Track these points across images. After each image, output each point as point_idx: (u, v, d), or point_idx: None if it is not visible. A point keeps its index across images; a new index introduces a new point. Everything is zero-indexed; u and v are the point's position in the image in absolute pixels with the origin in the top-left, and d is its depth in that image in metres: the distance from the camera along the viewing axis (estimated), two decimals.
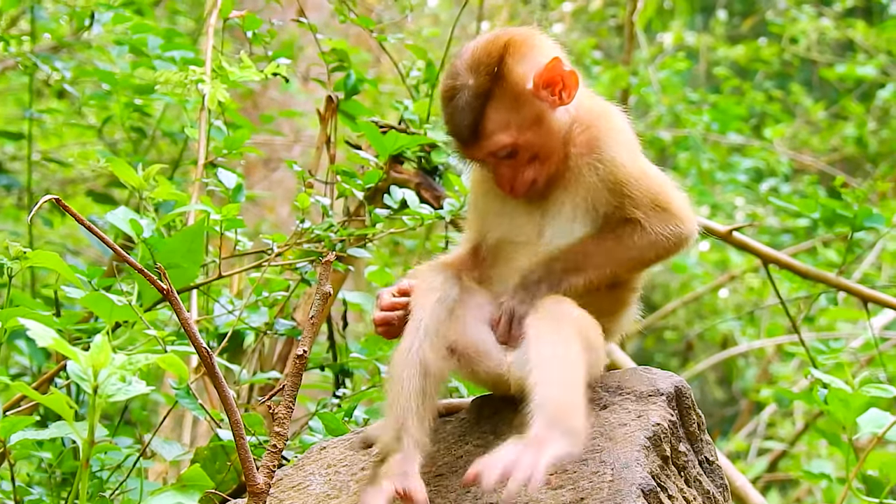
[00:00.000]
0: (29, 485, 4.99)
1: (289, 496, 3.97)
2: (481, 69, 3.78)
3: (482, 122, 3.77)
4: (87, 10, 6.73)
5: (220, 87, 5.47)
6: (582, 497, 3.53)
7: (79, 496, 3.41)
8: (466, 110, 3.77)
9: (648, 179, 3.88)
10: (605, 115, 3.94)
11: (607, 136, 3.88)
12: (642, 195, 3.85)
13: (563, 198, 3.88)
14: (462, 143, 3.84)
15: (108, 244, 3.47)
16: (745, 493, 6.60)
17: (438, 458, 3.90)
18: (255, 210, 9.82)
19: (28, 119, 7.20)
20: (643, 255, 3.88)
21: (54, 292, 5.47)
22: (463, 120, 3.78)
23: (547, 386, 3.50)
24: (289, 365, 5.38)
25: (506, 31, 3.88)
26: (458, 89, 3.79)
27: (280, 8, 6.61)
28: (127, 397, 3.40)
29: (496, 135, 3.79)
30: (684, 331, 14.05)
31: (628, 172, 3.84)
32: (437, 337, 3.75)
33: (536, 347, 3.59)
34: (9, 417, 3.94)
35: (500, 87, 3.78)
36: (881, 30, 13.23)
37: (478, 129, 3.78)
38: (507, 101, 3.79)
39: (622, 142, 3.90)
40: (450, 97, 3.81)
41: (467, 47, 3.87)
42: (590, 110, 3.91)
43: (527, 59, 3.82)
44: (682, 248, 3.90)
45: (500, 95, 3.78)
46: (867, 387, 4.72)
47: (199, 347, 3.40)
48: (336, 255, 5.02)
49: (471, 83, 3.78)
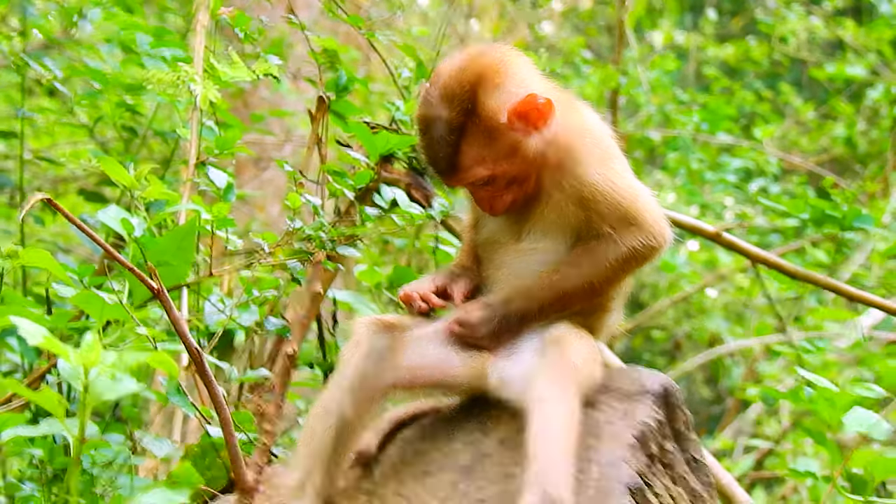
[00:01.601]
0: (21, 480, 5.01)
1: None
2: (454, 102, 3.77)
3: (458, 156, 3.79)
4: (76, 7, 6.73)
5: (211, 86, 5.48)
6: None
7: (70, 492, 3.42)
8: (442, 144, 3.79)
9: (617, 195, 3.88)
10: (580, 131, 3.94)
11: (578, 154, 3.89)
12: (611, 211, 3.87)
13: (538, 213, 3.93)
14: (439, 174, 3.87)
15: (98, 243, 3.49)
16: (732, 490, 6.63)
17: (427, 455, 3.92)
18: (245, 209, 9.82)
19: (20, 118, 7.18)
20: (615, 269, 3.90)
21: (45, 290, 5.48)
22: (439, 153, 3.80)
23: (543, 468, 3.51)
24: (278, 363, 5.39)
25: (479, 57, 3.84)
26: (433, 120, 3.79)
27: (269, 6, 6.60)
28: (117, 395, 3.42)
29: (472, 168, 3.81)
30: (672, 330, 14.07)
31: (595, 190, 3.86)
32: (362, 391, 3.85)
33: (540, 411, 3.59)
34: (0, 414, 3.95)
35: (474, 123, 3.77)
36: (871, 29, 13.24)
37: (454, 163, 3.80)
38: (481, 136, 3.79)
39: (592, 159, 3.91)
40: (425, 129, 3.82)
41: (441, 72, 3.85)
42: (565, 128, 3.88)
43: (500, 92, 3.80)
44: (654, 258, 3.93)
45: (474, 130, 3.78)
46: (853, 386, 4.75)
47: (190, 346, 3.42)
48: (326, 254, 5.05)
49: (444, 116, 3.77)
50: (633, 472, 3.64)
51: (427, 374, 3.90)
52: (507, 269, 3.98)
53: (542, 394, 3.62)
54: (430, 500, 3.76)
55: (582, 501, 3.54)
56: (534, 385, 3.64)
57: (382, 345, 3.89)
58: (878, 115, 13.50)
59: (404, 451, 4.00)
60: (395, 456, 4.00)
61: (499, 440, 3.86)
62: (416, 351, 3.92)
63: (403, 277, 5.50)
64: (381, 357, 3.87)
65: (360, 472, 3.98)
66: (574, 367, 3.69)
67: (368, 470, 3.98)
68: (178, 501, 3.47)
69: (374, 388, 3.86)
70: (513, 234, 3.97)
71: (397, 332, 3.93)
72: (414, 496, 3.81)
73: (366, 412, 3.87)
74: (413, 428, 4.09)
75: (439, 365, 3.90)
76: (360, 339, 3.89)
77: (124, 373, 3.44)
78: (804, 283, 6.85)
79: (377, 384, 3.86)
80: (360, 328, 3.92)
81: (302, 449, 3.85)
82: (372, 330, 3.91)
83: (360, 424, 3.87)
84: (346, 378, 3.84)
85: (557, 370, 3.66)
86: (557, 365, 3.67)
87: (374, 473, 3.96)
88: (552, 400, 3.60)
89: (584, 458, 3.66)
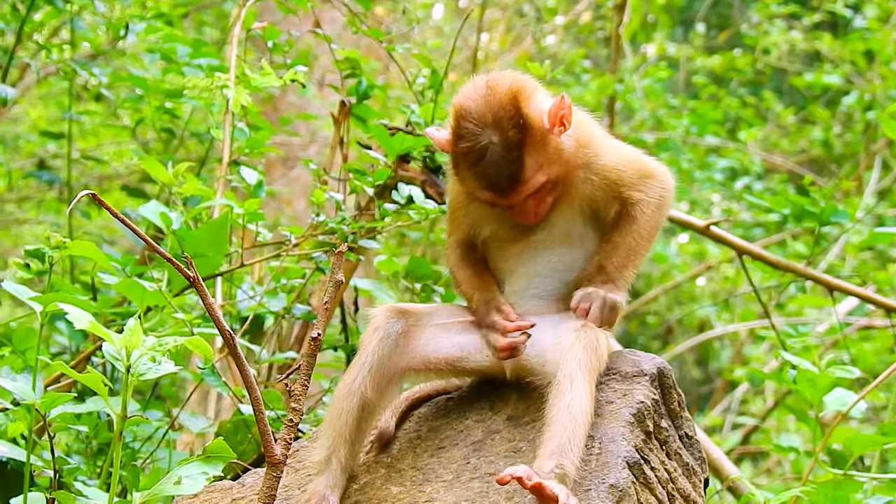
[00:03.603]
0: (68, 454, 4.99)
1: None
2: (505, 122, 3.69)
3: (521, 170, 3.70)
4: (122, 21, 6.73)
5: (243, 92, 5.46)
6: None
7: (113, 465, 3.40)
8: (503, 163, 3.69)
9: (630, 160, 3.93)
10: (584, 125, 3.93)
11: (594, 147, 3.89)
12: (632, 176, 3.90)
13: (561, 206, 3.87)
14: (500, 193, 3.75)
15: (140, 235, 3.45)
16: (721, 464, 6.60)
17: (441, 431, 3.89)
18: (274, 204, 9.80)
19: (68, 120, 7.18)
20: (657, 220, 3.93)
21: (91, 279, 5.46)
22: (501, 172, 3.69)
23: (564, 443, 3.49)
24: (305, 346, 5.37)
25: (499, 80, 3.77)
26: (487, 147, 3.69)
27: (297, 20, 6.58)
28: (157, 376, 3.40)
29: (535, 178, 3.73)
30: (665, 316, 14.05)
31: (618, 168, 3.89)
32: (380, 373, 3.80)
33: (569, 390, 3.57)
34: (49, 393, 3.93)
35: (529, 135, 3.70)
36: (846, 42, 13.19)
37: (518, 178, 3.71)
38: (537, 145, 3.72)
39: (604, 145, 3.92)
40: (479, 156, 3.70)
41: (470, 105, 3.75)
42: (576, 125, 3.85)
43: (534, 101, 3.76)
44: (672, 196, 3.98)
45: (531, 142, 3.71)
46: (832, 368, 4.71)
47: (223, 330, 3.39)
48: (348, 246, 5.01)
49: (498, 139, 3.68)
50: (631, 448, 3.60)
51: (445, 361, 3.87)
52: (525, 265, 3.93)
53: (573, 373, 3.58)
54: (444, 473, 3.73)
55: (584, 474, 3.51)
56: (565, 363, 3.60)
57: (398, 330, 3.85)
58: (852, 119, 13.48)
59: (420, 428, 3.97)
60: (411, 432, 3.97)
61: (507, 417, 3.83)
62: (438, 339, 3.88)
63: (419, 267, 5.47)
64: (397, 342, 3.84)
65: (380, 447, 3.95)
66: (601, 353, 3.67)
67: (387, 445, 3.95)
68: (212, 473, 3.44)
69: (392, 370, 3.83)
70: (522, 230, 3.91)
71: (412, 318, 3.89)
72: (429, 469, 3.77)
73: (385, 392, 3.83)
74: (428, 406, 4.06)
75: (459, 353, 3.87)
76: (378, 325, 3.85)
77: (163, 355, 3.42)
78: (785, 273, 6.81)
79: (395, 366, 3.83)
80: (377, 315, 3.89)
81: (327, 426, 3.82)
82: (388, 316, 3.87)
83: (379, 404, 3.84)
84: (365, 361, 3.81)
85: (588, 353, 3.63)
86: (588, 349, 3.64)
87: (392, 448, 3.93)
88: (580, 382, 3.57)
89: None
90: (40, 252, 4.41)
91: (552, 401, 3.56)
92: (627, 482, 3.53)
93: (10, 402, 4.24)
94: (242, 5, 5.98)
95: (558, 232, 3.90)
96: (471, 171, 3.75)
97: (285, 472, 3.67)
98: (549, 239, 3.91)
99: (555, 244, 3.91)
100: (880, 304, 6.71)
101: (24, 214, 11.42)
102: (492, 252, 4.00)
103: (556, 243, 3.91)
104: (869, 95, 12.54)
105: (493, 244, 3.99)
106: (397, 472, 3.82)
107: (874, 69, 12.96)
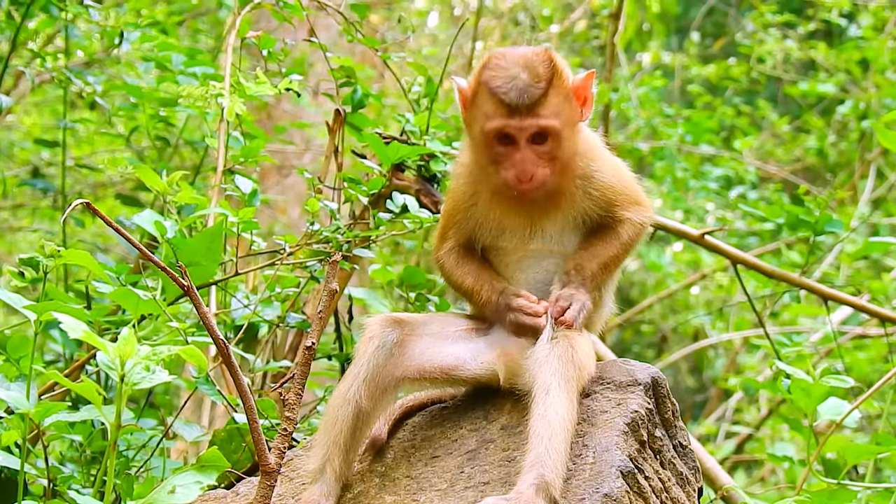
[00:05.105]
0: (62, 462, 4.98)
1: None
2: (536, 63, 3.80)
3: (543, 96, 3.78)
4: (116, 29, 6.73)
5: (238, 100, 5.47)
6: (566, 478, 3.52)
7: (107, 473, 3.40)
8: (527, 88, 3.77)
9: (626, 184, 4.04)
10: (589, 136, 4.03)
11: (598, 162, 3.99)
12: (625, 199, 4.01)
13: (556, 214, 3.95)
14: (516, 113, 3.79)
15: (134, 244, 3.46)
16: (715, 473, 6.59)
17: (436, 440, 3.90)
18: (268, 213, 9.80)
19: (62, 128, 7.18)
20: (635, 243, 4.05)
21: (85, 287, 5.46)
22: (526, 92, 3.77)
23: (541, 452, 3.52)
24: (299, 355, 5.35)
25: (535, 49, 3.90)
26: (517, 75, 3.79)
27: (292, 28, 6.59)
28: (151, 385, 3.40)
29: (549, 116, 3.80)
30: (659, 324, 14.04)
31: (616, 190, 3.99)
32: (375, 382, 3.83)
33: (544, 401, 3.61)
34: (43, 402, 3.94)
35: (557, 80, 3.81)
36: (840, 51, 13.20)
37: (539, 102, 3.78)
38: (561, 94, 3.82)
39: (607, 162, 4.03)
40: (506, 80, 3.79)
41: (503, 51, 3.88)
42: (584, 141, 3.97)
43: (566, 69, 3.88)
44: (650, 226, 4.11)
45: (557, 86, 3.81)
46: (826, 377, 4.71)
47: (217, 339, 3.39)
48: (342, 254, 5.02)
49: (527, 74, 3.78)
50: (625, 457, 3.61)
51: (439, 370, 3.88)
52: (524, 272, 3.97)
53: (547, 384, 3.62)
54: (438, 482, 3.73)
55: (578, 483, 3.52)
56: (540, 375, 3.63)
57: (393, 339, 3.87)
58: (847, 128, 13.48)
59: (414, 437, 3.98)
60: (405, 441, 3.98)
61: (501, 427, 3.84)
62: (432, 348, 3.90)
63: (413, 276, 5.48)
64: (392, 351, 3.85)
65: (374, 456, 3.95)
66: (577, 361, 3.70)
67: (381, 454, 3.95)
68: (206, 482, 3.44)
69: (387, 379, 3.84)
70: (521, 238, 3.96)
71: (407, 328, 3.91)
72: (423, 478, 3.78)
73: (380, 401, 3.85)
74: (422, 415, 4.07)
75: (454, 362, 3.88)
76: (373, 335, 3.87)
77: (157, 364, 3.42)
78: (780, 282, 6.81)
79: (389, 376, 3.84)
80: (372, 324, 3.90)
81: (321, 435, 3.83)
82: (383, 326, 3.89)
83: (374, 413, 3.85)
84: (360, 370, 3.82)
85: (563, 363, 3.67)
86: (563, 358, 3.68)
87: (387, 457, 3.94)
88: (555, 391, 3.60)
89: (580, 443, 3.64)
90: (34, 260, 4.41)
91: (530, 413, 3.60)
92: (621, 491, 3.54)
93: (4, 411, 4.24)
94: (237, 14, 5.99)
95: (555, 241, 3.97)
96: (493, 93, 3.81)
97: (279, 481, 3.68)
98: (546, 248, 3.98)
99: (552, 253, 3.99)
100: (874, 313, 6.71)
101: (19, 222, 11.40)
102: (490, 260, 4.04)
103: (553, 252, 3.99)
104: (864, 104, 12.56)
105: (491, 252, 4.04)
106: (391, 481, 3.82)
107: (869, 78, 12.98)
